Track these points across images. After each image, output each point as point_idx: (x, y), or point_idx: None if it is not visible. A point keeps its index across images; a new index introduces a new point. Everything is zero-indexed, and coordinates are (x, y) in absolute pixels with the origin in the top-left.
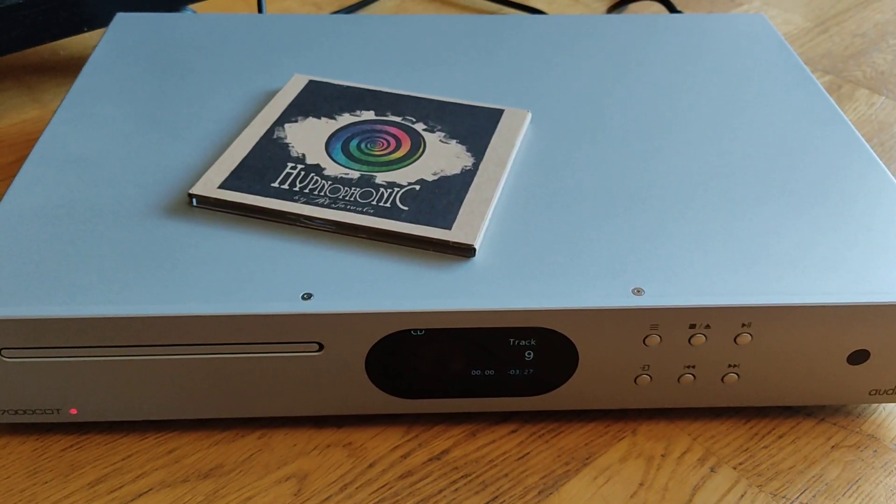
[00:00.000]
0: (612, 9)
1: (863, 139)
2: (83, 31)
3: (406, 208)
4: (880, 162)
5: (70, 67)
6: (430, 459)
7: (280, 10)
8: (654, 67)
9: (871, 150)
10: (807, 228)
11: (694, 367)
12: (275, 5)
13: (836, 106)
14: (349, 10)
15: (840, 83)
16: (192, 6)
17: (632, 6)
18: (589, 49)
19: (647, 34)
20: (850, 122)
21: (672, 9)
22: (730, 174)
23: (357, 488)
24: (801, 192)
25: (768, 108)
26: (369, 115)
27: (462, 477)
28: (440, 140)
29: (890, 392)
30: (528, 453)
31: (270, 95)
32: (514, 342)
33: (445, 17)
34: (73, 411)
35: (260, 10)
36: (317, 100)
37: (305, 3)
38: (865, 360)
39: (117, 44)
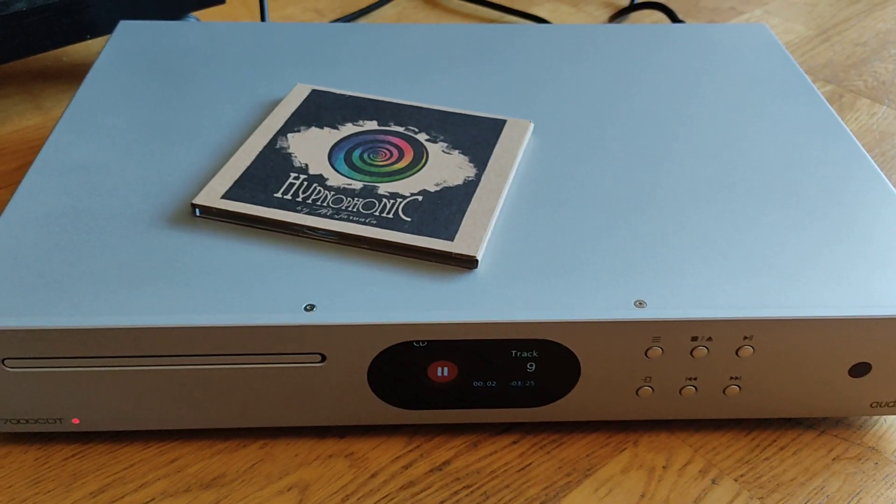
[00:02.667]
0: (614, 18)
1: (864, 150)
2: (86, 39)
3: (408, 219)
4: (881, 173)
5: (73, 75)
6: (432, 470)
7: (282, 18)
8: (656, 77)
9: (873, 162)
10: (808, 240)
11: (695, 379)
12: (277, 13)
13: (838, 116)
14: (351, 17)
15: (841, 92)
16: (195, 14)
17: (633, 16)
18: (591, 59)
19: (649, 44)
20: (851, 133)
21: (674, 18)
22: (731, 185)
23: (359, 499)
24: (803, 204)
25: (770, 119)
26: (372, 125)
27: (464, 488)
28: (443, 150)
29: (891, 404)
30: (529, 464)
31: (273, 104)
32: (516, 354)
33: (448, 26)
34: (76, 421)
35: (263, 18)
36: (319, 109)
37: (307, 10)
38: (867, 373)
39: (121, 51)
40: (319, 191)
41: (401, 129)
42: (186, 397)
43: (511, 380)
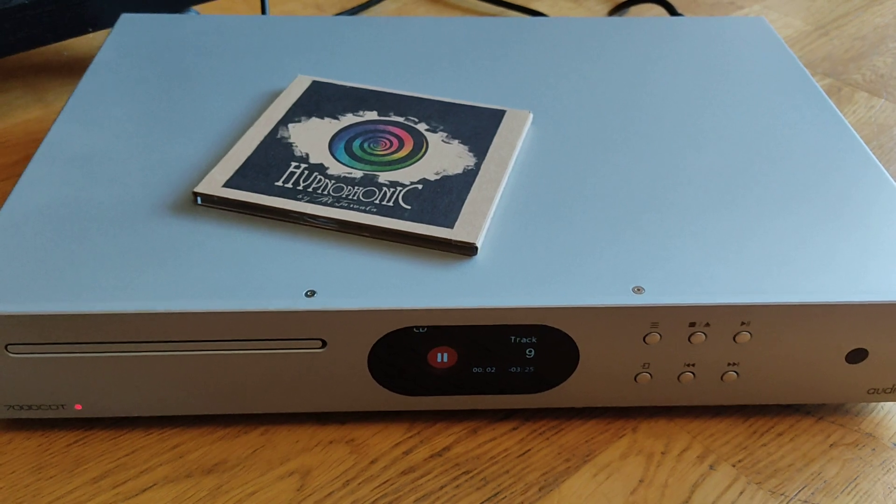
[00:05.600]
0: (613, 12)
1: (862, 142)
2: (88, 32)
3: (409, 207)
4: (879, 164)
5: (74, 68)
6: (432, 456)
7: (282, 12)
8: (655, 70)
9: (871, 153)
10: (806, 228)
11: (694, 365)
12: (277, 7)
13: (836, 109)
14: (351, 11)
15: (840, 86)
16: (195, 7)
17: (632, 9)
18: (590, 51)
19: (648, 37)
20: (849, 125)
21: (673, 12)
22: (730, 175)
23: (359, 484)
24: (801, 193)
25: (769, 111)
26: (372, 115)
27: (463, 473)
28: (442, 140)
29: (888, 391)
30: (528, 450)
31: (274, 96)
32: (515, 340)
33: (447, 19)
34: (78, 407)
35: (263, 11)
36: (320, 100)
37: (307, 5)
38: (864, 359)
39: (122, 44)
40: (320, 179)
41: (401, 119)
42: (188, 383)
43: (510, 366)
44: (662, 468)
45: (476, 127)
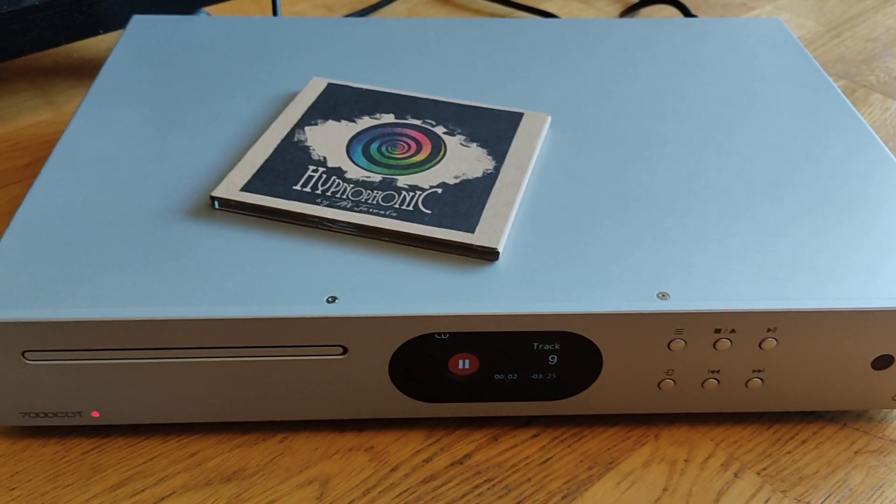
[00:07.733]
0: (625, 13)
1: (883, 144)
2: (98, 34)
3: (429, 211)
4: None
5: (84, 70)
6: (453, 464)
7: (293, 13)
8: (673, 71)
9: (892, 156)
10: (831, 232)
11: (718, 371)
12: (287, 8)
13: (855, 109)
14: (362, 13)
15: (854, 88)
16: (206, 8)
17: (644, 10)
18: (605, 53)
19: (663, 37)
20: (869, 127)
21: (687, 13)
22: (752, 178)
23: (379, 492)
24: (825, 197)
25: (788, 112)
26: (389, 118)
27: (485, 481)
28: (461, 143)
29: None
30: (550, 458)
31: (289, 98)
32: (537, 346)
33: (461, 20)
34: (95, 414)
35: (274, 12)
36: (336, 103)
37: (318, 6)
38: (889, 366)
39: (134, 46)
40: (338, 183)
41: (418, 122)
42: (206, 390)
43: (532, 372)
44: (686, 476)
45: (494, 130)
